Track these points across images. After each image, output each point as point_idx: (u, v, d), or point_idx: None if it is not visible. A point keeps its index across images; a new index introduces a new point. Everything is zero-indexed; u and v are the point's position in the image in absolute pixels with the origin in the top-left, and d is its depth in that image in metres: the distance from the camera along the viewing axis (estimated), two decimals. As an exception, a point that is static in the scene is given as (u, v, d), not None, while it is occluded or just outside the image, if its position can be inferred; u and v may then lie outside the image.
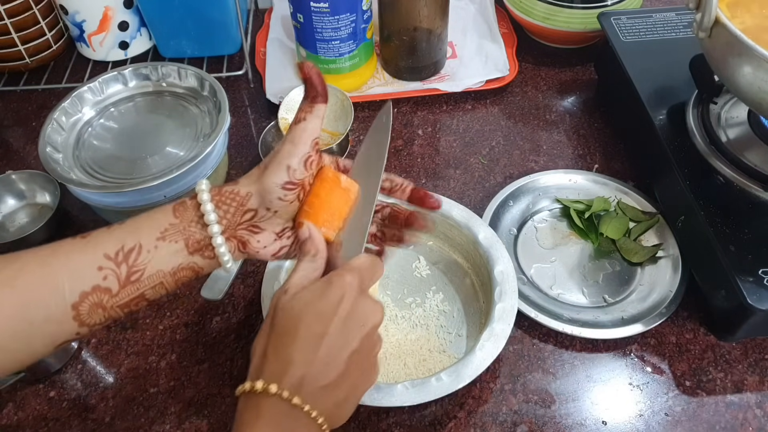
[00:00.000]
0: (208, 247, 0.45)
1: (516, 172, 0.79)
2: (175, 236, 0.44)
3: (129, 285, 0.43)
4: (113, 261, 0.42)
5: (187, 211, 0.45)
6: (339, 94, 0.78)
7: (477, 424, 0.58)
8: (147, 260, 0.43)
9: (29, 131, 0.86)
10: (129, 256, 0.43)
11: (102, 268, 0.42)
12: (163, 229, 0.44)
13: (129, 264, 0.43)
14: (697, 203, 0.62)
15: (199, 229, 0.44)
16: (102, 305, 0.42)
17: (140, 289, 0.44)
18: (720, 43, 0.58)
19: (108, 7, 0.87)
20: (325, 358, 0.41)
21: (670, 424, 0.58)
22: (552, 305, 0.65)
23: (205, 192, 0.44)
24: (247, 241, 0.46)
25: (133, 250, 0.43)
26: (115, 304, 0.43)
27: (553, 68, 0.93)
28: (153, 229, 0.44)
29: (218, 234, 0.44)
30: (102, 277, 0.42)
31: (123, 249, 0.43)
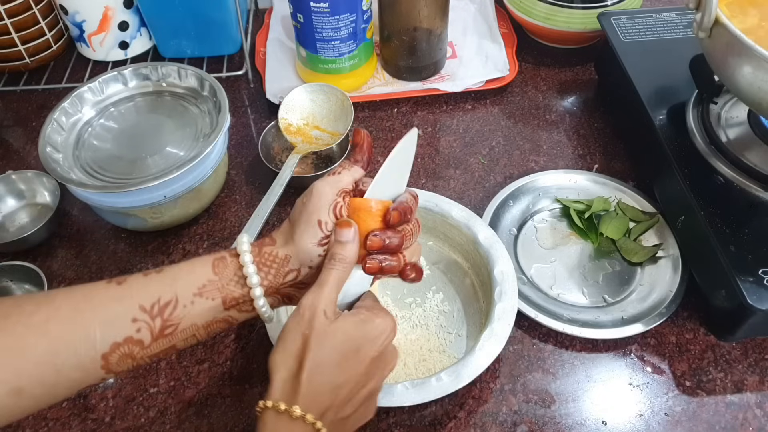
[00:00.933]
0: (247, 303, 0.45)
1: (516, 172, 0.79)
2: (213, 293, 0.43)
3: (162, 338, 0.42)
4: (148, 314, 0.42)
5: (227, 268, 0.44)
6: (339, 94, 0.78)
7: (477, 424, 0.58)
8: (182, 315, 0.43)
9: (29, 131, 0.86)
10: (164, 309, 0.42)
11: (136, 320, 0.41)
12: (201, 284, 0.43)
13: (164, 318, 0.42)
14: (697, 203, 0.62)
15: (238, 288, 0.44)
16: (132, 356, 0.42)
17: (172, 342, 0.43)
18: (720, 43, 0.58)
19: (108, 7, 0.87)
20: (349, 395, 0.43)
21: (670, 424, 0.58)
22: (552, 305, 0.65)
23: (247, 253, 0.44)
24: (293, 296, 0.47)
25: (169, 304, 0.42)
26: (146, 355, 0.42)
27: (553, 68, 0.93)
28: (191, 284, 0.43)
29: (260, 297, 0.44)
30: (135, 329, 0.41)
31: (159, 302, 0.42)
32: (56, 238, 0.73)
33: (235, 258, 0.44)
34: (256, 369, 0.62)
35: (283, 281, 0.45)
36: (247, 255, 0.44)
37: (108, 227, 0.74)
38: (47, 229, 0.71)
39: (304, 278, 0.46)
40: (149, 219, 0.69)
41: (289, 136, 0.77)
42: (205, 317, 0.44)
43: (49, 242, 0.73)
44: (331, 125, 0.79)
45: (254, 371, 0.62)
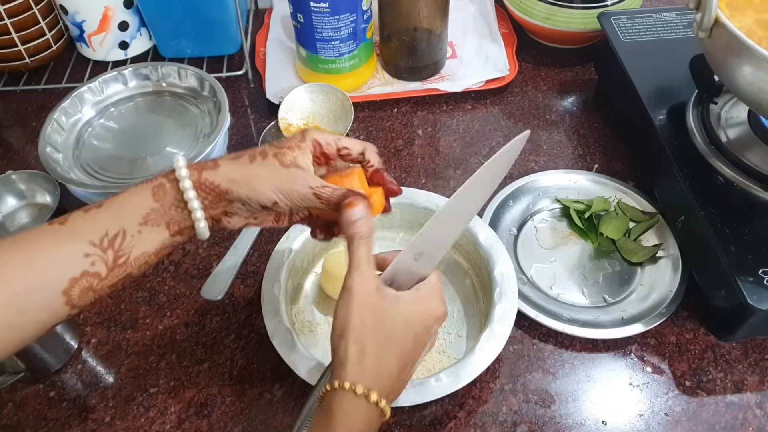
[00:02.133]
0: (189, 228, 0.46)
1: (516, 172, 0.79)
2: (157, 220, 0.45)
3: (117, 268, 0.44)
4: (99, 248, 0.43)
5: (167, 194, 0.45)
6: (339, 94, 0.78)
7: (477, 424, 0.58)
8: (132, 244, 0.44)
9: (29, 131, 0.86)
10: (114, 241, 0.43)
11: (89, 255, 0.42)
12: (144, 213, 0.44)
13: (115, 249, 0.43)
14: (697, 203, 0.62)
15: (179, 213, 0.45)
16: (92, 288, 0.43)
17: (127, 270, 0.44)
18: (720, 43, 0.58)
19: (108, 7, 0.87)
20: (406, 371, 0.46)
21: (670, 424, 0.58)
22: (552, 305, 0.65)
23: (187, 179, 0.45)
24: (220, 219, 0.48)
25: (117, 235, 0.43)
26: (105, 285, 0.44)
27: (553, 68, 0.93)
28: (134, 214, 0.44)
29: (201, 219, 0.45)
30: (90, 263, 0.42)
31: (107, 235, 0.43)
32: (56, 238, 0.73)
33: (174, 184, 0.45)
34: (256, 369, 0.62)
35: (216, 206, 0.46)
36: (187, 180, 0.45)
37: (108, 227, 0.74)
38: (47, 229, 0.71)
39: (234, 210, 0.47)
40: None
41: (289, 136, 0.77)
42: (153, 244, 0.45)
43: (49, 242, 0.72)
44: (331, 125, 0.79)
45: (254, 371, 0.62)
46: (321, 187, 0.46)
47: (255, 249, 0.71)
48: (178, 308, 0.67)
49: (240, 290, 0.68)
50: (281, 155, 0.46)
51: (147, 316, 0.66)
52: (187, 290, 0.68)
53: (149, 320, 0.66)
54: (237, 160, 0.46)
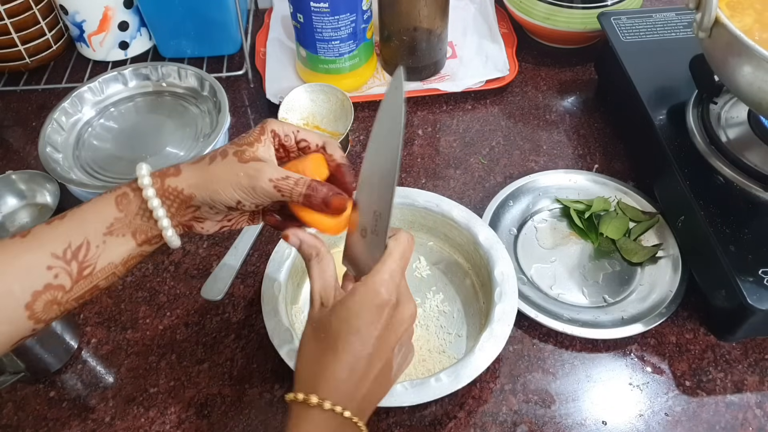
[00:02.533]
0: (156, 236, 0.45)
1: (516, 172, 0.79)
2: (122, 230, 0.44)
3: (82, 280, 0.43)
4: (62, 259, 0.42)
5: (131, 204, 0.44)
6: (339, 94, 0.78)
7: (477, 424, 0.58)
8: (97, 255, 0.43)
9: (29, 131, 0.86)
10: (78, 253, 0.42)
11: (51, 267, 0.42)
12: (108, 223, 0.43)
13: (79, 261, 0.42)
14: (697, 203, 0.62)
15: (144, 221, 0.44)
16: (57, 301, 0.42)
17: (93, 282, 0.44)
18: (720, 43, 0.58)
19: (108, 7, 0.87)
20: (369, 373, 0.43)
21: (670, 424, 0.58)
22: (552, 305, 0.65)
23: (150, 188, 0.44)
24: (191, 226, 0.47)
25: (81, 246, 0.42)
26: (70, 298, 0.43)
27: (553, 68, 0.93)
28: (98, 224, 0.43)
29: (168, 227, 0.45)
30: (53, 276, 0.42)
31: (70, 246, 0.42)
32: (56, 238, 0.73)
33: (137, 192, 0.44)
34: (256, 369, 0.62)
35: (184, 214, 0.45)
36: (150, 189, 0.44)
37: (108, 227, 0.74)
38: (47, 229, 0.71)
39: (203, 214, 0.46)
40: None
41: (289, 136, 0.77)
42: (120, 254, 0.44)
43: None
44: (331, 125, 0.79)
45: (254, 371, 0.62)
46: (282, 179, 0.44)
47: (255, 249, 0.71)
48: (178, 308, 0.67)
49: (240, 290, 0.68)
50: (241, 152, 0.44)
51: (147, 316, 0.66)
52: (187, 290, 0.68)
53: (149, 320, 0.66)
54: (198, 163, 0.45)
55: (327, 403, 0.41)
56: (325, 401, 0.41)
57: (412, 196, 0.68)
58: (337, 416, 0.41)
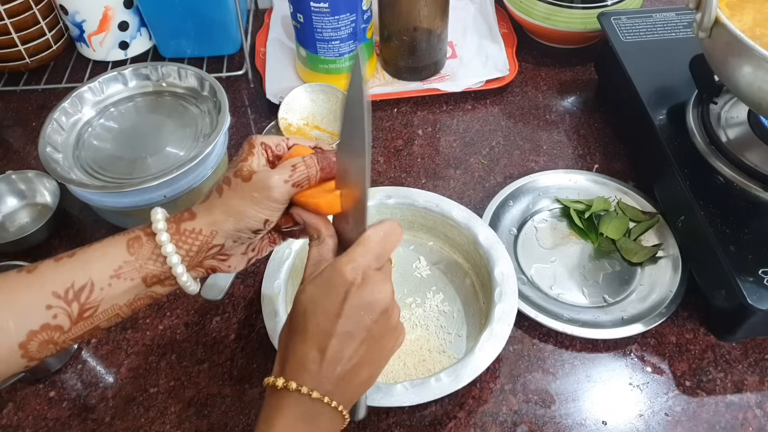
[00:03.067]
0: (169, 279, 0.44)
1: (516, 172, 0.79)
2: (131, 274, 0.42)
3: (82, 321, 0.42)
4: (63, 299, 0.41)
5: (143, 248, 0.43)
6: (339, 94, 0.78)
7: (477, 424, 0.58)
8: (100, 298, 0.42)
9: (29, 131, 0.86)
10: (80, 294, 0.41)
11: (51, 307, 0.40)
12: (117, 266, 0.42)
13: (81, 302, 0.41)
14: (697, 203, 0.62)
15: (158, 266, 0.43)
16: (53, 341, 0.41)
17: (94, 323, 0.42)
18: (720, 43, 0.58)
19: (108, 7, 0.87)
20: (338, 353, 0.41)
21: (670, 424, 0.58)
22: (552, 305, 0.65)
23: (164, 232, 0.43)
24: (216, 267, 0.46)
25: (84, 287, 0.41)
26: (68, 338, 0.42)
27: (553, 68, 0.93)
28: (106, 266, 0.42)
29: (183, 273, 0.43)
30: (52, 316, 0.40)
31: (73, 287, 0.41)
32: (56, 238, 0.73)
33: (151, 237, 0.43)
34: (256, 369, 0.62)
35: (207, 254, 0.44)
36: (164, 234, 0.42)
37: (108, 227, 0.74)
38: (47, 229, 0.71)
39: (227, 250, 0.45)
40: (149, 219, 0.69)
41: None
42: (126, 297, 0.43)
43: (49, 242, 0.73)
44: (331, 125, 0.79)
45: (254, 371, 0.62)
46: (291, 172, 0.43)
47: (255, 249, 0.71)
48: (178, 308, 0.67)
49: (240, 290, 0.68)
50: (239, 170, 0.44)
51: (147, 316, 0.66)
52: (187, 290, 0.68)
53: (149, 320, 0.66)
54: (208, 201, 0.44)
55: (292, 384, 0.40)
56: (290, 382, 0.40)
57: (412, 196, 0.68)
58: (305, 398, 0.40)
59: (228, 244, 0.44)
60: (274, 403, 0.41)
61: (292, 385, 0.40)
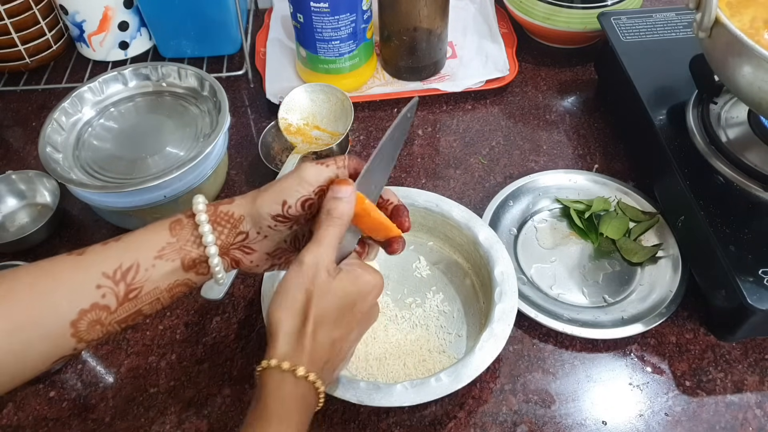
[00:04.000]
0: (203, 264, 0.46)
1: (516, 172, 0.79)
2: (172, 255, 0.44)
3: (127, 302, 0.43)
4: (111, 279, 0.42)
5: (184, 229, 0.45)
6: (339, 94, 0.78)
7: (477, 424, 0.58)
8: (145, 278, 0.43)
9: (29, 131, 0.86)
10: (127, 274, 0.43)
11: (100, 287, 0.42)
12: (160, 247, 0.44)
13: (127, 282, 0.43)
14: (697, 203, 0.62)
15: (195, 248, 0.45)
16: (101, 322, 0.42)
17: (138, 306, 0.44)
18: (720, 43, 0.58)
19: (108, 7, 0.87)
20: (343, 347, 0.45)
21: (670, 424, 0.58)
22: (552, 305, 0.65)
23: (203, 213, 0.45)
24: (240, 260, 0.47)
25: (131, 268, 0.43)
26: (114, 320, 0.43)
27: (553, 68, 0.93)
28: (150, 248, 0.44)
29: (215, 255, 0.45)
30: (101, 295, 0.42)
31: (121, 267, 0.43)
32: (56, 238, 0.73)
33: (191, 219, 0.45)
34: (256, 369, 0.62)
35: (233, 241, 0.46)
36: (203, 215, 0.45)
37: (108, 227, 0.74)
38: (47, 229, 0.71)
39: (251, 242, 0.47)
40: (149, 219, 0.69)
41: (289, 136, 0.77)
42: (167, 280, 0.44)
43: (49, 242, 0.73)
44: (331, 125, 0.79)
45: (254, 371, 0.62)
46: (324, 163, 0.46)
47: (255, 249, 0.71)
48: (178, 308, 0.67)
49: (240, 290, 0.68)
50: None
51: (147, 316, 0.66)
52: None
53: (149, 320, 0.66)
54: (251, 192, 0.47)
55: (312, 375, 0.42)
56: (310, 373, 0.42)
57: (412, 196, 0.68)
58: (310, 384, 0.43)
59: (252, 234, 0.46)
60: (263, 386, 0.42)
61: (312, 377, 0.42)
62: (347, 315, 0.45)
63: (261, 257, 0.48)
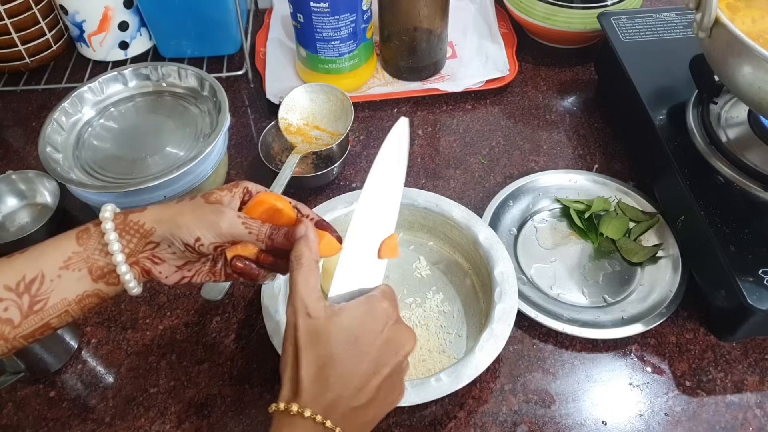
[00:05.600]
0: (112, 274, 0.45)
1: (516, 172, 0.79)
2: (79, 264, 0.43)
3: (32, 315, 0.42)
4: (14, 292, 0.41)
5: (91, 238, 0.44)
6: (339, 94, 0.78)
7: (477, 424, 0.58)
8: (50, 290, 0.42)
9: (29, 131, 0.86)
10: (31, 286, 0.42)
11: (2, 300, 0.41)
12: (66, 257, 0.43)
13: (31, 294, 0.42)
14: (697, 203, 0.62)
15: (102, 257, 0.44)
16: (3, 336, 0.42)
17: (44, 319, 0.43)
18: (720, 43, 0.58)
19: (108, 7, 0.87)
20: (360, 384, 0.42)
21: (670, 424, 0.58)
22: (552, 305, 0.65)
23: (109, 221, 0.44)
24: (149, 269, 0.46)
25: (35, 280, 0.42)
26: (18, 334, 0.42)
27: (553, 68, 0.93)
28: (56, 258, 0.43)
29: (122, 263, 0.44)
30: (2, 309, 0.41)
31: (24, 279, 0.42)
32: (56, 238, 0.73)
33: (98, 227, 0.44)
34: (256, 369, 0.62)
35: (142, 250, 0.45)
36: (109, 222, 0.44)
37: (108, 227, 0.74)
38: (47, 229, 0.71)
39: (160, 252, 0.46)
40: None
41: (289, 136, 0.77)
42: (74, 291, 0.43)
43: (49, 242, 0.72)
44: (331, 125, 0.79)
45: (254, 371, 0.62)
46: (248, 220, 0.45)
47: (255, 249, 0.71)
48: (178, 308, 0.67)
49: (240, 290, 0.68)
50: (208, 194, 0.47)
51: (147, 316, 0.66)
52: (187, 290, 0.68)
53: (149, 320, 0.66)
54: (165, 203, 0.47)
55: (308, 411, 0.40)
56: (305, 409, 0.40)
57: (412, 196, 0.68)
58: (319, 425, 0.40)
59: (162, 246, 0.45)
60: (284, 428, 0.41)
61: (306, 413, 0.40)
62: (351, 349, 0.42)
63: (170, 268, 0.47)
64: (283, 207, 0.48)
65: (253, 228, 0.45)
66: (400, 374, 0.45)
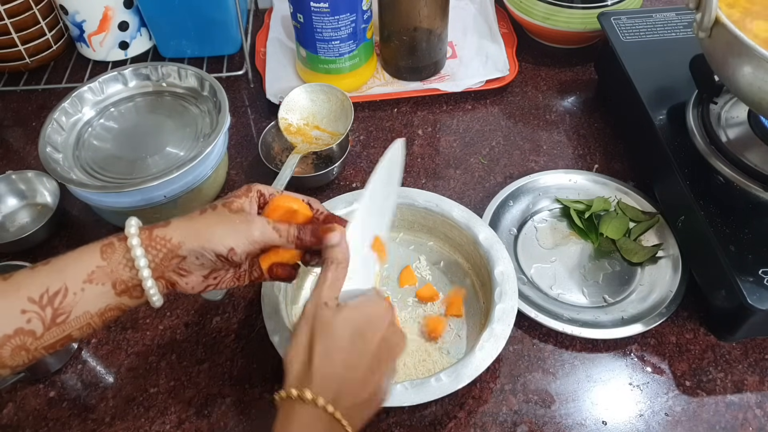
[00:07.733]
0: (137, 288, 0.45)
1: (516, 172, 0.79)
2: (103, 278, 0.43)
3: (54, 327, 0.42)
4: (37, 304, 0.42)
5: (116, 253, 0.44)
6: (339, 94, 0.78)
7: (477, 424, 0.58)
8: (73, 303, 0.43)
9: (29, 131, 0.86)
10: (54, 299, 0.42)
11: (25, 311, 0.41)
12: (90, 271, 0.43)
13: (54, 307, 0.42)
14: (697, 203, 0.62)
15: (127, 272, 0.44)
16: (26, 347, 0.42)
17: (66, 331, 0.43)
18: (720, 43, 0.58)
19: (108, 7, 0.87)
20: (364, 377, 0.44)
21: (670, 424, 0.58)
22: (552, 305, 0.65)
23: (135, 236, 0.44)
24: (175, 282, 0.46)
25: (58, 293, 0.42)
26: (40, 345, 0.42)
27: (553, 68, 0.93)
28: (80, 271, 0.43)
29: (149, 278, 0.44)
30: (26, 320, 0.41)
31: (48, 292, 0.42)
32: (56, 238, 0.73)
33: (124, 242, 0.44)
34: (256, 369, 0.62)
35: (169, 264, 0.45)
36: (135, 238, 0.44)
37: (108, 227, 0.74)
38: (47, 229, 0.71)
39: (187, 265, 0.46)
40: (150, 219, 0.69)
41: (289, 136, 0.77)
42: (97, 304, 0.44)
43: (49, 242, 0.73)
44: (331, 125, 0.79)
45: (254, 371, 0.62)
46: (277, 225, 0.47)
47: (255, 249, 0.71)
48: (178, 308, 0.67)
49: (240, 290, 0.68)
50: (229, 203, 0.47)
51: (147, 316, 0.66)
52: (187, 290, 0.68)
53: (149, 320, 0.66)
54: (187, 216, 0.47)
55: (321, 399, 0.41)
56: (318, 397, 0.41)
57: (412, 196, 0.68)
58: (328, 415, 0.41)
59: (190, 259, 0.45)
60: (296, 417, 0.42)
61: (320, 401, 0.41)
62: (358, 343, 0.44)
63: (197, 279, 0.47)
64: (299, 208, 0.49)
65: (282, 232, 0.47)
66: (390, 375, 0.47)
